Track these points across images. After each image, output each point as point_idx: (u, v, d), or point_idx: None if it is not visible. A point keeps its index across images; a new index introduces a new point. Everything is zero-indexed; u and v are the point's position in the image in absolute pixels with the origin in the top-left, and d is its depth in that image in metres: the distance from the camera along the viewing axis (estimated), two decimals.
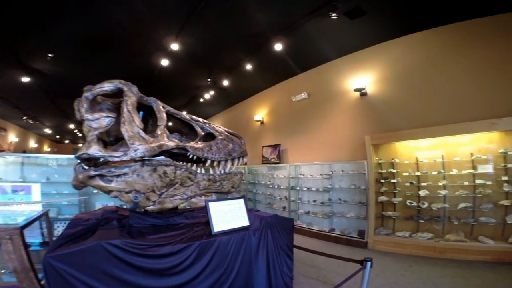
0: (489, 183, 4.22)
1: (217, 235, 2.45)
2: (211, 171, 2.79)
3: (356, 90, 5.95)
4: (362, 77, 5.96)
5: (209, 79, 7.56)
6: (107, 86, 2.22)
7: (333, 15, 4.52)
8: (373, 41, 5.70)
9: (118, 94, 2.33)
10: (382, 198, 5.16)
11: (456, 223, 4.47)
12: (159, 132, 2.40)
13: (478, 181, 4.29)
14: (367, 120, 5.86)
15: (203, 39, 5.69)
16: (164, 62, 6.31)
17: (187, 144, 2.53)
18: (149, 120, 2.76)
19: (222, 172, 2.84)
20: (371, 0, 4.34)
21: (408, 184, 4.95)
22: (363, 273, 2.90)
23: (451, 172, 4.54)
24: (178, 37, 5.45)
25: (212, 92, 8.35)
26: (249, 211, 3.47)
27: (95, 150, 1.98)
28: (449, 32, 4.89)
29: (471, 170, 4.35)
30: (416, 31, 5.21)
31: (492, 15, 4.47)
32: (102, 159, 2.06)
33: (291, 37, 5.40)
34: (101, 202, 4.72)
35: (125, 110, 2.19)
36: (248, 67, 6.63)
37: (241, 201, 2.84)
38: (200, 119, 2.94)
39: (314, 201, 6.38)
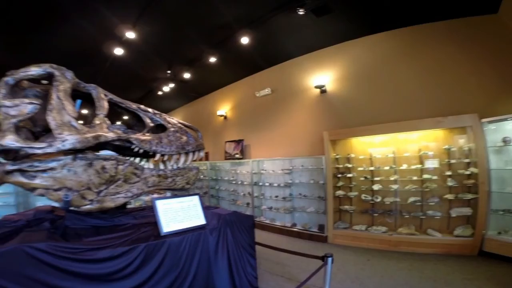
0: (434, 178, 4.48)
1: (167, 236, 2.25)
2: (162, 166, 2.57)
3: (316, 87, 6.05)
4: (323, 74, 6.08)
5: (169, 71, 7.14)
6: (34, 70, 1.92)
7: (301, 10, 4.51)
8: (336, 40, 5.82)
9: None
10: (339, 192, 5.30)
11: (407, 217, 4.70)
12: (97, 122, 2.13)
13: (425, 176, 4.55)
14: (326, 116, 6.00)
15: (163, 29, 5.33)
16: (118, 51, 5.80)
17: (132, 136, 2.28)
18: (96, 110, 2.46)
19: (175, 167, 2.63)
20: None
21: (362, 178, 5.13)
22: (325, 269, 2.92)
23: (401, 167, 4.77)
24: (135, 26, 5.04)
25: (172, 85, 7.92)
26: (206, 208, 3.31)
27: (10, 140, 1.66)
28: (403, 35, 5.15)
29: (419, 165, 4.61)
30: (374, 32, 5.41)
31: (439, 21, 4.79)
32: (22, 151, 1.74)
33: (257, 31, 5.29)
34: (43, 202, 4.18)
35: (54, 96, 1.89)
36: (212, 60, 6.38)
37: (195, 198, 2.65)
38: (150, 109, 2.69)
39: (276, 196, 6.39)
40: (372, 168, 5.05)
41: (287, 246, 4.89)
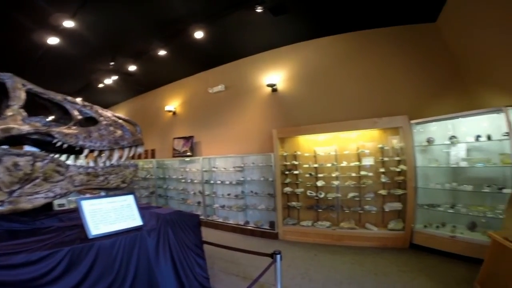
0: (370, 174, 4.86)
1: (96, 238, 2.07)
2: (92, 163, 2.34)
3: (268, 85, 6.14)
4: (275, 73, 6.20)
5: (112, 63, 6.59)
6: None
7: (259, 8, 4.50)
8: (289, 40, 5.94)
9: None
10: (287, 189, 5.45)
11: (347, 212, 5.02)
12: (9, 113, 1.86)
13: (362, 173, 4.91)
14: (276, 114, 6.13)
15: (108, 18, 4.90)
16: (53, 41, 5.18)
17: (54, 129, 2.03)
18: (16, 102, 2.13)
19: (108, 164, 2.42)
20: None
21: (308, 175, 5.35)
22: (275, 266, 2.95)
23: (342, 164, 5.08)
24: (76, 14, 4.55)
25: (115, 78, 7.34)
26: (145, 208, 3.15)
27: None
28: (349, 39, 5.48)
29: (357, 163, 4.96)
30: (325, 35, 5.65)
31: (383, 27, 5.18)
32: None
33: (213, 27, 5.14)
34: None
35: None
36: (162, 53, 6.05)
37: (130, 197, 2.48)
38: (79, 101, 2.44)
39: (229, 194, 6.35)
40: (316, 165, 5.28)
41: (241, 244, 4.92)
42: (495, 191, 3.50)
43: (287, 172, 5.52)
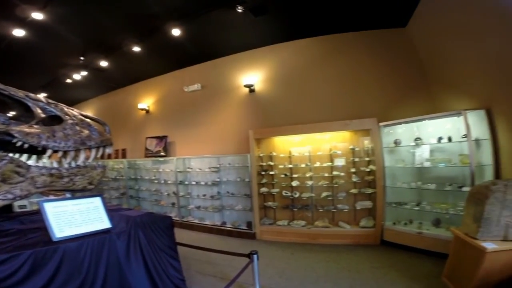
0: (342, 174, 5.03)
1: (61, 241, 1.99)
2: (55, 164, 2.22)
3: (246, 86, 6.15)
4: (253, 74, 6.21)
5: (82, 58, 6.27)
6: None
7: (240, 8, 4.48)
8: (268, 41, 5.98)
9: None
10: (264, 189, 5.49)
11: (321, 211, 5.15)
12: None
13: (334, 173, 5.07)
14: (253, 115, 6.15)
15: (80, 12, 4.65)
16: (19, 33, 4.84)
17: (14, 128, 1.89)
18: None
19: (73, 165, 2.30)
20: (275, 0, 4.49)
21: (283, 175, 5.43)
22: (252, 266, 2.96)
23: (315, 165, 5.21)
24: (46, 6, 4.29)
25: (85, 73, 6.99)
26: (114, 210, 3.05)
27: None
28: (325, 42, 5.62)
29: (330, 163, 5.11)
30: (303, 37, 5.74)
31: (357, 31, 5.36)
32: None
33: (191, 25, 5.05)
34: None
35: None
36: (136, 49, 5.85)
37: (97, 199, 2.38)
38: (42, 98, 2.30)
39: (204, 195, 6.27)
40: (291, 166, 5.37)
41: (218, 245, 4.90)
42: (456, 189, 3.75)
43: (263, 173, 5.57)
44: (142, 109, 7.91)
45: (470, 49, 3.64)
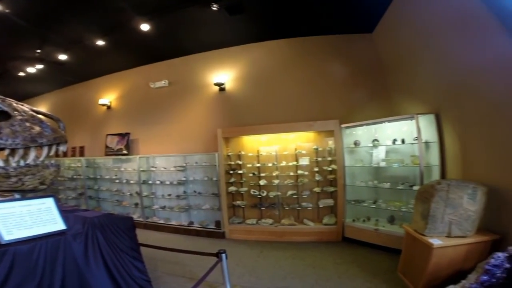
0: (306, 173, 5.21)
1: (10, 244, 1.88)
2: (1, 163, 2.03)
3: (216, 84, 6.08)
4: (224, 72, 6.16)
5: (39, 50, 5.76)
6: None
7: (215, 6, 4.40)
8: (242, 40, 5.94)
9: None
10: (232, 188, 5.50)
11: (287, 209, 5.29)
12: None
13: (299, 172, 5.23)
14: (222, 114, 6.11)
15: (38, 1, 4.27)
16: None
17: None
18: None
19: (22, 164, 2.13)
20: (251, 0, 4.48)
21: (251, 174, 5.49)
22: (221, 264, 2.95)
23: (281, 164, 5.33)
24: None
25: (40, 66, 6.45)
26: (69, 211, 2.90)
27: None
28: (296, 44, 5.73)
29: (295, 162, 5.27)
30: (275, 38, 5.80)
31: (326, 34, 5.54)
32: None
33: (162, 20, 4.87)
34: None
35: None
36: (100, 43, 5.51)
37: (49, 200, 2.23)
38: None
39: (169, 195, 6.11)
40: (258, 165, 5.45)
41: (186, 245, 4.83)
42: (407, 188, 4.07)
43: (231, 172, 5.57)
44: (103, 105, 7.47)
45: (424, 59, 3.98)
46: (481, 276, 2.21)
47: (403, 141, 4.17)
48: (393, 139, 4.29)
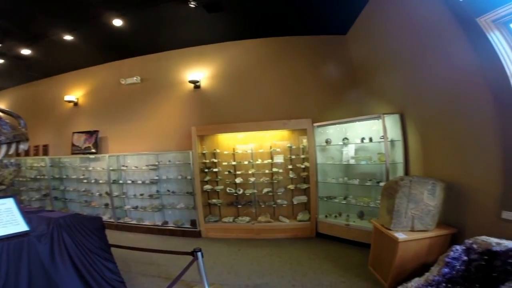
0: (281, 171, 5.32)
1: None
2: None
3: (191, 81, 5.99)
4: (199, 70, 6.08)
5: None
6: None
7: (193, 3, 4.31)
8: (219, 38, 5.89)
9: None
10: (207, 186, 5.47)
11: (263, 206, 5.36)
12: None
13: (274, 169, 5.33)
14: (196, 111, 6.03)
15: None
16: None
17: None
18: None
19: None
20: None
21: (227, 172, 5.49)
22: (197, 263, 2.93)
23: (257, 162, 5.40)
24: None
25: (1, 61, 5.99)
26: (32, 212, 2.77)
27: None
28: (274, 44, 5.79)
29: (270, 160, 5.35)
30: (254, 37, 5.80)
31: (303, 35, 5.62)
32: None
33: (137, 16, 4.70)
34: None
35: None
36: (68, 38, 5.21)
37: (9, 201, 2.12)
38: None
39: (142, 194, 5.94)
40: (234, 163, 5.46)
41: (161, 245, 4.75)
42: (375, 184, 4.29)
43: (206, 170, 5.53)
44: (70, 102, 7.06)
45: (391, 62, 4.22)
46: (442, 268, 2.34)
47: (370, 140, 4.40)
48: (362, 137, 4.51)
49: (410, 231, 2.99)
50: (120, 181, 6.10)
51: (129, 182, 6.02)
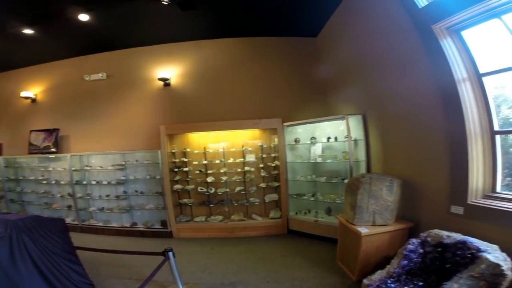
0: (252, 169, 5.40)
1: None
2: None
3: (160, 79, 5.85)
4: (170, 68, 5.95)
5: None
6: None
7: (165, 0, 4.20)
8: (192, 37, 5.79)
9: None
10: (177, 186, 5.39)
11: (236, 205, 5.41)
12: None
13: (246, 168, 5.39)
14: (166, 110, 5.91)
15: None
16: None
17: None
18: None
19: None
20: None
21: (198, 172, 5.45)
22: (169, 263, 2.90)
23: (229, 161, 5.42)
24: None
25: None
26: None
27: None
28: (248, 44, 5.82)
29: (242, 159, 5.40)
30: (227, 36, 5.78)
31: (276, 36, 5.71)
32: None
33: (105, 12, 4.50)
34: None
35: None
36: (28, 32, 4.87)
37: None
38: None
39: (108, 195, 5.72)
40: (205, 162, 5.44)
41: (130, 247, 4.62)
42: (340, 181, 4.51)
43: (176, 169, 5.45)
44: (27, 98, 6.54)
45: (355, 66, 4.46)
46: (401, 261, 2.52)
47: (336, 139, 4.63)
48: (328, 137, 4.72)
49: (372, 226, 3.19)
50: (84, 182, 5.82)
51: (94, 182, 5.76)
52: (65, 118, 6.32)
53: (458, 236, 2.38)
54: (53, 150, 6.13)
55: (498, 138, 2.58)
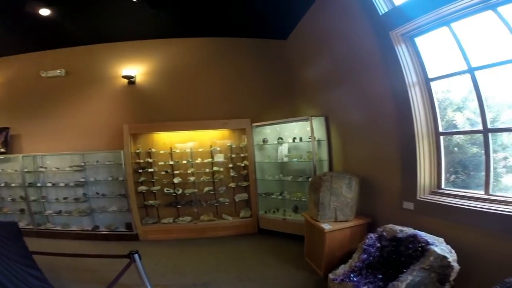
0: (221, 169, 5.38)
1: None
2: None
3: (125, 77, 5.60)
4: (135, 65, 5.73)
5: None
6: None
7: None
8: (160, 35, 5.60)
9: None
10: (142, 187, 5.22)
11: (205, 205, 5.35)
12: None
13: (215, 168, 5.36)
14: (130, 108, 5.68)
15: None
16: None
17: None
18: None
19: None
20: None
21: (164, 172, 5.32)
22: (135, 265, 2.81)
23: (196, 161, 5.36)
24: None
25: None
26: None
27: None
28: (218, 44, 5.76)
29: (210, 159, 5.37)
30: (197, 36, 5.68)
31: (247, 37, 5.72)
32: None
33: (66, 6, 4.24)
34: None
35: None
36: None
37: None
38: None
39: (65, 198, 5.38)
40: (172, 162, 5.33)
41: (93, 251, 4.35)
42: (305, 180, 4.63)
43: (140, 170, 5.28)
44: None
45: (319, 70, 4.65)
46: (361, 255, 2.66)
47: (301, 139, 4.79)
48: (293, 137, 4.86)
49: (334, 222, 3.34)
50: (38, 184, 5.43)
51: (49, 185, 5.39)
52: (16, 116, 5.80)
53: (410, 230, 2.56)
54: (2, 150, 5.61)
55: (442, 139, 2.82)
